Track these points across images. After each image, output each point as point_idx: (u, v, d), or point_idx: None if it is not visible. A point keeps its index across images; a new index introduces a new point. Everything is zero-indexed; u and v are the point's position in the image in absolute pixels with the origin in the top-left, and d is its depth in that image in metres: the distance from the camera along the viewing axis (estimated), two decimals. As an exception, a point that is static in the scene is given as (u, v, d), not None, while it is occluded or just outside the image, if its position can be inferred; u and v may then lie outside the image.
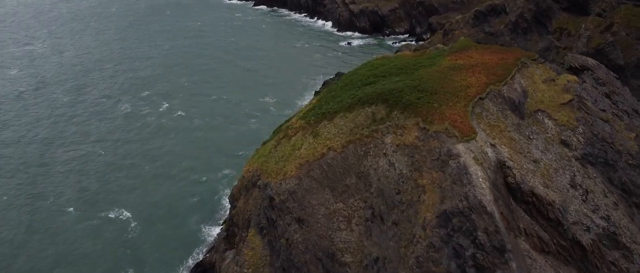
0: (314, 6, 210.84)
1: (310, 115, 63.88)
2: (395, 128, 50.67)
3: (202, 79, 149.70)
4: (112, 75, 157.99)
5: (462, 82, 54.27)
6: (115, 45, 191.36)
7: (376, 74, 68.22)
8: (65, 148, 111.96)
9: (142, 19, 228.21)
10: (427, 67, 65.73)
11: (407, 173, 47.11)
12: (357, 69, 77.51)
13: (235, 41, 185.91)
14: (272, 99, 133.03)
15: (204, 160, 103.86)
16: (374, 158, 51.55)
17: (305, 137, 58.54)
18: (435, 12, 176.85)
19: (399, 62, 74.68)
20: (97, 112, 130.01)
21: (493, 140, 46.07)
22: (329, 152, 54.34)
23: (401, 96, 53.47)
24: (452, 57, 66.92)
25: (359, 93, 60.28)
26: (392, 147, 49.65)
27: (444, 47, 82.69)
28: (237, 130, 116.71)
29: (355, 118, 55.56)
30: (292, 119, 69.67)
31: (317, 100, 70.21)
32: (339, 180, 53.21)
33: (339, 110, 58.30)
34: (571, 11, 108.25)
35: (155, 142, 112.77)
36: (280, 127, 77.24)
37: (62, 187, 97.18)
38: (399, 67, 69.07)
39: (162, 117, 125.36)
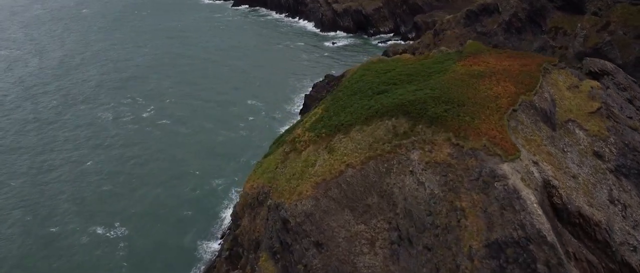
0: (295, 6, 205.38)
1: (319, 127, 59.08)
2: (422, 143, 46.28)
3: (186, 82, 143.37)
4: (91, 78, 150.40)
5: (489, 91, 50.17)
6: (93, 47, 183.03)
7: (386, 81, 63.78)
8: (48, 158, 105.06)
9: (119, 20, 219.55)
10: (440, 73, 61.56)
11: (440, 193, 42.80)
12: (361, 75, 72.90)
13: (217, 42, 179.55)
14: (261, 102, 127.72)
15: (195, 170, 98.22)
16: (398, 176, 47.10)
17: (319, 152, 53.73)
18: (419, 10, 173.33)
19: (406, 67, 70.35)
20: (78, 119, 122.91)
21: (534, 157, 42.06)
22: (348, 169, 49.67)
23: (426, 108, 49.07)
24: (465, 63, 62.89)
25: (373, 103, 55.70)
26: (420, 165, 45.25)
27: (449, 51, 78.72)
28: (227, 136, 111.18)
29: (374, 132, 50.99)
30: (296, 130, 64.74)
31: (322, 109, 65.40)
32: (360, 200, 48.63)
33: (355, 123, 53.63)
34: (566, 10, 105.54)
35: (142, 150, 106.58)
36: (281, 138, 72.25)
37: (48, 201, 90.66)
38: (409, 74, 64.75)
39: (147, 123, 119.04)
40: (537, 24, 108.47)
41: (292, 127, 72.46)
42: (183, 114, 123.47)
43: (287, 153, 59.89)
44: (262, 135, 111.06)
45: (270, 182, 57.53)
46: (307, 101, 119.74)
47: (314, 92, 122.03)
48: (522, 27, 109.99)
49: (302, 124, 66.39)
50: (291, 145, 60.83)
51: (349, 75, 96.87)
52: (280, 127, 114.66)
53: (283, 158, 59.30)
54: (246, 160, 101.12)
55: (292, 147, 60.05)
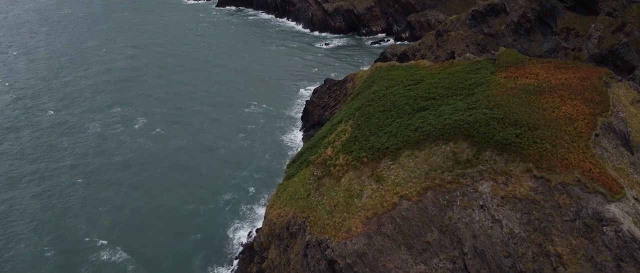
0: (282, 6, 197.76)
1: (355, 149, 52.56)
2: (493, 174, 40.17)
3: (177, 87, 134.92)
4: (74, 87, 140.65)
5: (557, 111, 44.32)
6: (74, 52, 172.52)
7: (422, 95, 57.59)
8: (35, 178, 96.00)
9: (99, 22, 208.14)
10: (481, 86, 55.62)
11: (522, 234, 36.80)
12: (387, 86, 66.64)
13: (205, 44, 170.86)
14: (258, 109, 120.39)
15: (197, 187, 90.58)
16: (464, 210, 40.96)
17: (363, 180, 47.20)
18: (412, 9, 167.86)
19: (436, 77, 64.27)
20: (64, 133, 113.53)
21: (632, 192, 36.38)
22: (402, 201, 43.31)
23: (492, 132, 42.94)
24: (507, 74, 57.09)
25: (419, 123, 49.40)
26: (494, 199, 39.15)
27: (477, 58, 72.97)
28: (227, 148, 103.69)
29: (429, 158, 44.70)
30: (324, 149, 58.03)
31: (351, 126, 58.91)
32: (418, 236, 42.36)
33: (402, 147, 47.25)
34: (577, 11, 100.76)
35: (136, 166, 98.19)
36: (302, 157, 65.20)
37: (39, 225, 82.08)
38: (446, 86, 58.69)
39: (139, 135, 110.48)
40: (546, 24, 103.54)
41: (313, 143, 65.67)
42: (177, 123, 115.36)
43: (319, 178, 53.23)
44: (264, 146, 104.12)
45: (304, 211, 50.81)
46: (309, 107, 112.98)
47: (315, 98, 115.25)
48: (531, 28, 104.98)
49: (329, 142, 59.73)
50: (323, 169, 54.18)
51: (360, 83, 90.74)
52: (281, 135, 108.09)
53: (316, 185, 52.60)
54: (251, 173, 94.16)
55: (325, 170, 53.41)
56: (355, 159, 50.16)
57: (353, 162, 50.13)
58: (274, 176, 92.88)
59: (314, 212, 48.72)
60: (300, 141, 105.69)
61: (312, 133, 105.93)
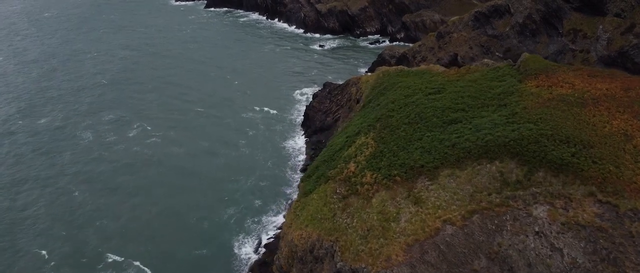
0: (273, 6, 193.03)
1: (383, 165, 48.74)
2: (549, 197, 36.71)
3: (171, 93, 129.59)
4: (64, 92, 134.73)
5: (609, 126, 41.06)
6: (61, 54, 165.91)
7: (449, 105, 53.98)
8: (29, 188, 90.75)
9: (86, 24, 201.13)
10: (512, 96, 52.21)
11: (588, 264, 33.40)
12: (406, 94, 62.89)
13: (197, 47, 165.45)
14: (257, 114, 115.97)
15: (198, 199, 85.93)
16: (516, 236, 37.44)
17: (399, 202, 43.41)
18: (406, 9, 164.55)
19: (457, 85, 60.75)
20: (56, 142, 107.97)
21: None
22: (446, 226, 39.65)
23: (543, 150, 39.47)
24: (538, 83, 53.79)
25: (455, 138, 45.77)
26: (552, 225, 35.69)
27: (496, 63, 69.64)
28: (228, 156, 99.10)
29: (473, 178, 41.08)
30: (345, 164, 54.08)
31: (373, 139, 55.07)
32: (464, 265, 38.75)
33: (440, 165, 43.56)
34: (584, 11, 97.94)
35: (133, 176, 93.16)
36: (318, 171, 60.95)
37: (39, 239, 77.26)
38: (473, 96, 55.16)
39: (134, 143, 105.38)
40: (552, 26, 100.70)
41: (328, 156, 61.61)
42: (174, 129, 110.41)
43: (345, 197, 49.32)
44: (266, 153, 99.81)
45: (331, 234, 46.86)
46: (310, 113, 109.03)
47: (315, 103, 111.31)
48: (537, 29, 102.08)
49: (350, 156, 55.79)
50: (347, 186, 50.28)
51: (367, 89, 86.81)
52: (283, 142, 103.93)
53: (341, 205, 48.67)
54: (255, 183, 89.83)
55: (350, 189, 49.53)
56: (386, 177, 46.34)
57: (383, 180, 46.30)
58: (279, 185, 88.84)
59: (343, 236, 44.79)
60: (302, 147, 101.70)
61: (315, 139, 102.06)
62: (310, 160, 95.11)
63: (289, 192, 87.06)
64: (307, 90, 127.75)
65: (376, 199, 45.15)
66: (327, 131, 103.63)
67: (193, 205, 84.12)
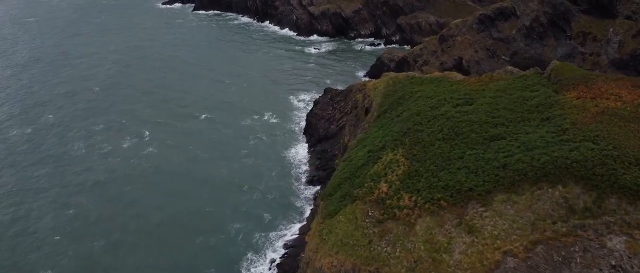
0: (264, 9, 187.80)
1: (422, 187, 44.53)
2: (627, 227, 32.94)
3: (164, 100, 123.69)
4: (52, 98, 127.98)
5: (679, 145, 37.34)
6: (49, 59, 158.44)
7: (485, 119, 49.99)
8: (23, 201, 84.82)
9: (72, 28, 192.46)
10: (552, 108, 48.42)
11: (681, 306, 29.65)
12: (431, 105, 58.79)
13: (188, 51, 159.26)
14: (257, 122, 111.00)
15: (202, 214, 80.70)
16: (588, 270, 33.57)
17: (449, 230, 39.22)
18: (400, 11, 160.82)
19: (487, 96, 56.82)
20: (47, 154, 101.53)
21: None
22: (506, 258, 35.61)
23: (613, 174, 35.70)
24: (577, 93, 50.07)
25: (504, 158, 41.73)
26: (633, 259, 31.84)
27: (520, 71, 65.93)
28: (230, 168, 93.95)
29: (533, 205, 37.10)
30: (377, 184, 49.76)
31: (405, 156, 50.84)
32: (528, 301, 34.76)
33: (494, 189, 39.51)
34: (592, 14, 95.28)
35: (131, 191, 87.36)
36: (340, 190, 56.38)
37: (40, 254, 71.67)
38: (508, 108, 51.28)
39: (130, 155, 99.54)
40: (560, 28, 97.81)
41: (350, 173, 57.21)
42: (171, 139, 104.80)
43: (380, 221, 45.00)
44: (269, 163, 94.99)
45: (369, 264, 42.44)
46: (312, 120, 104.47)
47: (317, 110, 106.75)
48: (544, 32, 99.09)
49: (378, 174, 51.47)
50: (382, 209, 45.97)
51: (377, 97, 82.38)
52: (285, 151, 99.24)
53: (378, 230, 44.33)
54: (260, 196, 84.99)
55: (386, 212, 45.22)
56: (428, 201, 42.14)
57: (426, 204, 42.09)
58: (286, 198, 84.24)
59: (386, 267, 40.45)
60: (306, 157, 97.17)
61: (320, 148, 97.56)
62: (316, 170, 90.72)
63: (298, 205, 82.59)
64: (305, 96, 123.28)
65: (420, 226, 40.91)
66: (331, 139, 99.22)
67: (198, 221, 79.01)
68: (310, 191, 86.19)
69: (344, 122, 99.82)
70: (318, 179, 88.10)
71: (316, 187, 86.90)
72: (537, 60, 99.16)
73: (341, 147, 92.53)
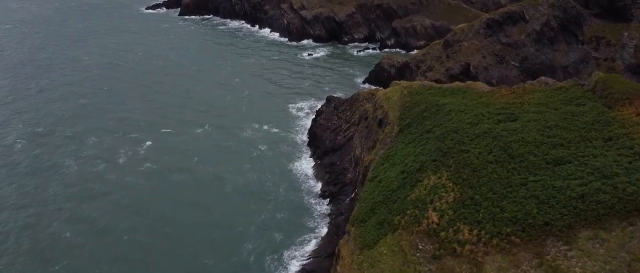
0: (253, 13, 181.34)
1: (483, 218, 39.51)
2: None
3: (158, 111, 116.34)
4: (38, 110, 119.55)
5: None
6: (34, 65, 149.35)
7: (541, 139, 45.18)
8: (9, 230, 77.22)
9: (53, 35, 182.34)
10: (616, 126, 43.93)
11: None
12: (469, 121, 53.85)
13: (179, 58, 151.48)
14: (256, 133, 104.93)
15: (211, 234, 74.27)
16: (703, 322, 28.96)
17: (527, 272, 34.25)
18: (394, 15, 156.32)
19: (530, 111, 52.12)
20: (35, 174, 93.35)
21: None
22: (604, 308, 30.84)
23: None
24: (635, 109, 45.70)
25: (580, 188, 36.92)
26: None
27: (557, 82, 61.50)
28: (235, 183, 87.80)
29: (627, 243, 32.35)
30: (422, 212, 44.58)
31: (453, 181, 45.76)
32: None
33: (577, 225, 34.66)
34: (605, 18, 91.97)
35: (131, 213, 79.95)
36: (375, 215, 50.87)
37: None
38: (561, 126, 46.58)
39: (127, 172, 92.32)
40: (571, 33, 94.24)
41: (385, 197, 51.95)
42: (168, 154, 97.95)
43: (436, 257, 39.79)
44: (275, 177, 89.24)
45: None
46: (317, 131, 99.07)
47: (322, 120, 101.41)
48: (555, 37, 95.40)
49: (421, 200, 46.32)
50: (435, 243, 40.76)
51: (392, 108, 77.11)
52: (289, 164, 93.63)
53: (435, 268, 39.11)
54: (270, 213, 79.19)
55: (442, 246, 40.03)
56: (496, 236, 37.11)
57: (493, 239, 37.06)
58: (297, 215, 78.69)
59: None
60: (313, 170, 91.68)
61: (328, 161, 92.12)
62: (327, 185, 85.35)
63: (310, 222, 77.15)
64: (304, 104, 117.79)
65: (490, 266, 35.86)
66: (339, 151, 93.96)
67: (206, 243, 72.76)
68: (322, 207, 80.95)
69: (352, 133, 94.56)
70: (329, 194, 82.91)
71: (328, 202, 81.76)
72: (548, 65, 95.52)
73: (352, 160, 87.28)
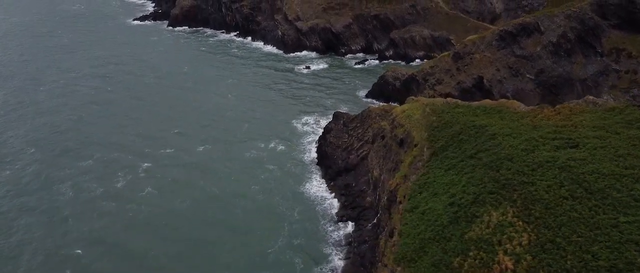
0: (245, 24, 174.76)
1: (571, 265, 34.18)
2: None
3: (156, 130, 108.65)
4: (28, 129, 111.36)
5: None
6: (19, 81, 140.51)
7: (618, 171, 40.09)
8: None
9: (38, 47, 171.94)
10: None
11: None
12: (522, 147, 48.64)
13: (172, 72, 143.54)
14: (263, 152, 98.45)
15: (226, 265, 68.17)
16: None
17: None
18: (391, 25, 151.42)
19: (589, 136, 47.10)
20: (26, 202, 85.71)
21: None
22: None
23: None
24: None
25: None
26: None
27: (606, 102, 56.79)
28: (244, 207, 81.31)
29: None
30: (491, 255, 39.08)
31: (522, 219, 40.38)
32: None
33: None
34: (624, 29, 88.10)
35: (135, 245, 72.58)
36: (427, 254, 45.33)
37: None
38: (634, 154, 41.57)
39: (126, 197, 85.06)
40: (589, 44, 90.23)
41: (435, 233, 46.37)
42: (170, 176, 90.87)
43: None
44: (287, 201, 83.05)
45: None
46: (327, 150, 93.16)
47: (332, 138, 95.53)
48: (572, 49, 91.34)
49: (484, 240, 40.82)
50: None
51: (421, 131, 70.99)
52: (300, 185, 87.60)
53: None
54: (286, 240, 72.96)
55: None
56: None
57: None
58: (316, 241, 72.78)
59: None
60: (326, 192, 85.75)
61: (342, 182, 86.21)
62: (344, 208, 79.49)
63: (328, 250, 71.18)
64: (308, 118, 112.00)
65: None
66: (352, 172, 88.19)
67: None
68: (340, 233, 75.19)
69: (365, 152, 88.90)
70: (348, 218, 77.18)
71: (346, 227, 76.07)
72: (565, 78, 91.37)
73: (370, 182, 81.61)
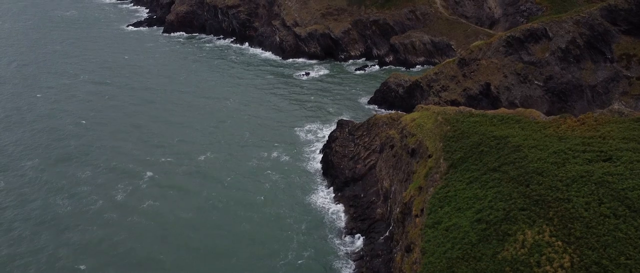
0: (241, 30, 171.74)
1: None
2: None
3: (154, 139, 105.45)
4: (22, 139, 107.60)
5: None
6: (10, 88, 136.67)
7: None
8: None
9: (32, 54, 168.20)
10: None
11: None
12: (551, 160, 46.29)
13: (170, 79, 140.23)
14: (267, 162, 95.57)
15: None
16: None
17: None
18: (391, 30, 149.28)
19: (620, 148, 44.89)
20: (23, 216, 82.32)
21: None
22: None
23: None
24: None
25: None
26: None
27: (632, 112, 54.63)
28: (250, 220, 78.43)
29: None
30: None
31: (562, 239, 38.00)
32: None
33: None
34: (635, 35, 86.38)
35: (139, 261, 70.19)
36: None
37: None
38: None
39: (127, 211, 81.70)
40: (598, 50, 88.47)
41: (462, 250, 43.71)
42: (172, 188, 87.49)
43: None
44: (293, 213, 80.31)
45: None
46: (333, 159, 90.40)
47: (337, 147, 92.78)
48: (581, 55, 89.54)
49: (524, 262, 38.36)
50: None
51: (436, 141, 68.45)
52: (306, 196, 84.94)
53: None
54: (295, 255, 70.22)
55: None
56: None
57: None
58: (326, 256, 70.04)
59: None
60: (333, 203, 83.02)
61: (350, 193, 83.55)
62: (353, 220, 76.87)
63: (338, 264, 68.48)
64: (311, 126, 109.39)
65: None
66: (360, 182, 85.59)
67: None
68: (351, 246, 72.55)
69: (373, 161, 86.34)
70: (358, 231, 74.56)
71: (356, 239, 73.48)
72: (575, 85, 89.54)
73: (380, 192, 79.03)
